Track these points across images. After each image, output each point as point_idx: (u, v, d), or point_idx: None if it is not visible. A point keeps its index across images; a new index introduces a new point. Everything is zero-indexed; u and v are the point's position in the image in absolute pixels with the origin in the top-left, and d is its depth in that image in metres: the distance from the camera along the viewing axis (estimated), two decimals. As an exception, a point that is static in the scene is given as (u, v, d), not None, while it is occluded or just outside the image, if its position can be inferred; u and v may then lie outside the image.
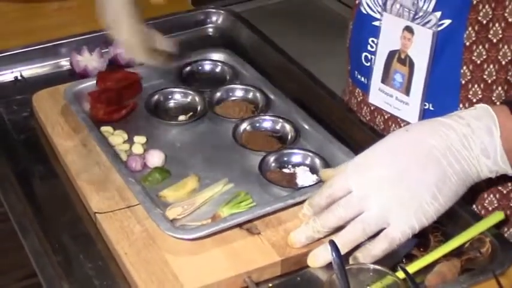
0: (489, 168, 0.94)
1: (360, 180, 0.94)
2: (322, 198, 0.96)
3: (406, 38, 1.11)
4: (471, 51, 1.06)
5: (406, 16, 1.10)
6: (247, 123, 1.18)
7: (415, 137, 0.96)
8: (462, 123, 0.94)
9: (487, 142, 0.93)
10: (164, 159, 1.12)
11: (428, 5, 1.07)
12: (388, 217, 0.92)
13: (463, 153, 0.93)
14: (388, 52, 1.14)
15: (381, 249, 0.92)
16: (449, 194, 0.93)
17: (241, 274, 0.94)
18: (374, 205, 0.92)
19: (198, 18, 1.50)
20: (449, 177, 0.93)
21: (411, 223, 0.92)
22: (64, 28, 1.46)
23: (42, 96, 1.25)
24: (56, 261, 0.98)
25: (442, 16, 1.06)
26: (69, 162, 1.12)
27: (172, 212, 1.02)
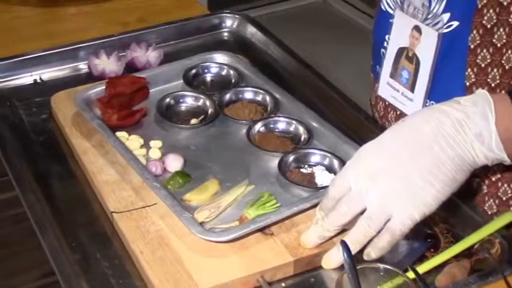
0: (485, 154, 0.93)
1: (356, 175, 0.94)
2: (329, 199, 0.96)
3: (414, 37, 1.12)
4: (475, 54, 1.06)
5: (419, 17, 1.10)
6: (261, 124, 1.19)
7: (408, 126, 0.96)
8: (457, 108, 0.93)
9: (482, 127, 0.92)
10: (183, 163, 1.13)
11: (439, 6, 1.07)
12: (389, 209, 0.92)
13: (456, 138, 0.92)
14: (398, 48, 1.16)
15: (386, 241, 0.93)
16: (446, 179, 0.92)
17: (255, 274, 0.95)
18: (372, 198, 0.92)
19: (213, 22, 1.51)
20: (443, 162, 0.92)
21: (410, 213, 0.91)
22: (82, 32, 1.47)
23: (60, 98, 1.26)
24: (74, 260, 0.99)
25: (450, 18, 1.06)
26: (87, 162, 1.12)
27: (200, 215, 1.03)
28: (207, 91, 1.28)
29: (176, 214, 1.00)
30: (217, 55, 1.35)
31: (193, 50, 1.43)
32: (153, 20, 1.50)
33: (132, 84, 1.25)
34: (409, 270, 0.90)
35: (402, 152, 0.93)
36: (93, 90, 1.24)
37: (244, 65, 1.33)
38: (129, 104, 1.24)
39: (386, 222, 0.92)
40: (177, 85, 1.30)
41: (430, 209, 0.92)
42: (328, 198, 0.96)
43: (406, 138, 0.94)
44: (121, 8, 1.59)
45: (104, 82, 1.25)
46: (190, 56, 1.35)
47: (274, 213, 1.01)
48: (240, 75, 1.31)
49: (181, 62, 1.33)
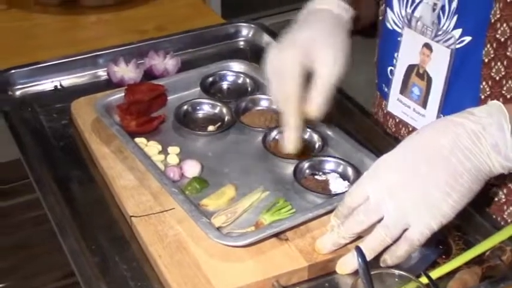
0: (501, 164, 0.93)
1: (374, 186, 0.95)
2: (344, 208, 0.97)
3: (425, 54, 1.13)
4: (490, 68, 1.06)
5: (428, 34, 1.11)
6: (276, 132, 1.20)
7: (424, 138, 0.97)
8: (472, 120, 0.94)
9: (497, 138, 0.93)
10: (201, 169, 1.14)
11: (449, 22, 1.08)
12: (406, 219, 0.93)
13: (473, 150, 0.93)
14: (408, 65, 1.17)
15: (403, 250, 0.94)
16: (462, 190, 0.92)
17: (270, 278, 0.96)
18: (391, 209, 0.93)
19: (230, 31, 1.52)
20: (460, 174, 0.92)
21: (428, 223, 0.92)
22: (102, 40, 1.49)
23: (80, 104, 1.27)
24: (93, 262, 1.00)
25: (463, 33, 1.07)
26: (106, 167, 1.14)
27: (217, 220, 1.04)
28: (223, 99, 1.29)
29: (193, 219, 1.01)
30: (233, 63, 1.36)
31: (210, 58, 1.44)
32: (171, 28, 1.52)
33: (150, 91, 1.26)
34: (422, 276, 0.91)
35: (420, 164, 0.94)
36: (112, 97, 1.26)
37: (260, 73, 1.34)
38: (148, 110, 1.25)
39: (403, 232, 0.93)
40: (194, 92, 1.31)
41: (447, 219, 0.93)
42: (344, 206, 0.97)
43: (423, 151, 0.95)
44: (139, 16, 1.61)
45: (123, 89, 1.27)
46: (208, 64, 1.36)
47: (290, 219, 1.02)
48: (256, 84, 1.32)
49: (199, 70, 1.34)
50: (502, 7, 1.01)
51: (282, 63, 1.07)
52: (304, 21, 1.13)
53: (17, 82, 1.37)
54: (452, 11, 1.07)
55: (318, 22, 1.11)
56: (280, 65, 1.08)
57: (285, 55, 1.07)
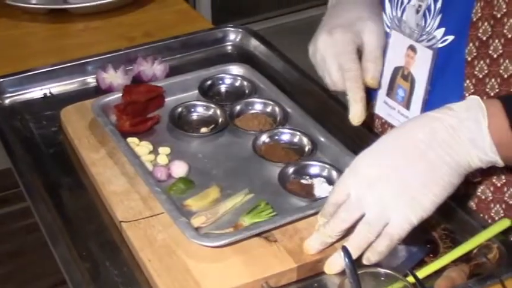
0: (479, 157, 0.93)
1: (354, 182, 0.96)
2: (329, 205, 0.98)
3: (409, 56, 1.13)
4: (473, 66, 1.06)
5: (414, 37, 1.12)
6: (267, 135, 1.20)
7: (402, 133, 0.97)
8: (450, 115, 0.94)
9: (475, 132, 0.93)
10: (188, 169, 1.14)
11: (434, 22, 1.08)
12: (387, 214, 0.93)
13: (451, 143, 0.93)
14: (394, 68, 1.17)
15: (384, 245, 0.94)
16: (442, 183, 0.93)
17: (259, 280, 0.96)
18: (371, 205, 0.93)
19: (218, 36, 1.52)
20: (439, 167, 0.93)
21: (408, 217, 0.92)
22: (90, 47, 1.49)
23: (69, 111, 1.27)
24: (84, 268, 1.00)
25: (445, 32, 1.07)
26: (96, 173, 1.14)
27: (196, 221, 1.04)
28: (221, 101, 1.30)
29: (172, 218, 1.02)
30: (233, 67, 1.37)
31: (198, 63, 1.45)
32: (159, 34, 1.52)
33: (148, 92, 1.27)
34: (409, 275, 0.91)
35: (398, 159, 0.95)
36: (110, 98, 1.27)
37: (258, 77, 1.34)
38: (144, 111, 1.26)
39: (384, 227, 0.93)
40: (192, 95, 1.32)
41: (427, 213, 0.93)
42: (329, 204, 0.98)
43: (402, 145, 0.95)
44: (128, 23, 1.61)
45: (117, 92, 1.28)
46: (207, 67, 1.37)
47: (268, 221, 1.02)
48: (254, 87, 1.32)
49: (198, 72, 1.35)
50: (482, 6, 1.01)
51: (336, 44, 1.14)
52: (339, 4, 1.21)
53: (6, 90, 1.37)
54: (437, 11, 1.08)
55: (352, 3, 1.19)
56: (334, 47, 1.14)
57: (337, 37, 1.14)
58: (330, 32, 1.15)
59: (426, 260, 0.99)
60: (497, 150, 0.93)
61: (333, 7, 1.23)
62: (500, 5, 1.00)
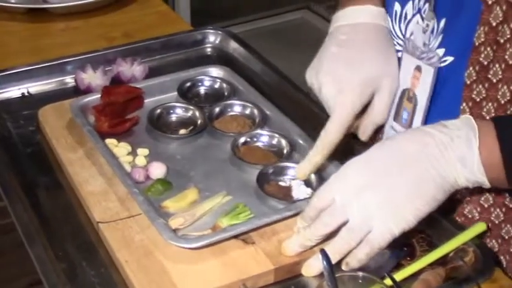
0: (466, 177, 0.93)
1: (341, 188, 0.95)
2: (311, 209, 0.97)
3: (415, 77, 1.10)
4: (471, 90, 1.02)
5: (417, 54, 1.08)
6: (245, 137, 1.19)
7: (394, 144, 0.97)
8: (442, 131, 0.94)
9: (465, 151, 0.92)
10: (166, 171, 1.13)
11: (435, 41, 1.06)
12: (369, 223, 0.92)
13: (440, 159, 0.92)
14: (402, 90, 1.13)
15: (364, 253, 0.93)
16: (426, 198, 0.92)
17: (236, 282, 0.95)
18: (355, 212, 0.93)
19: (197, 38, 1.51)
20: (425, 181, 0.92)
21: (390, 227, 0.92)
22: (69, 47, 1.47)
23: (47, 111, 1.25)
24: (60, 269, 0.99)
25: (445, 53, 1.05)
26: (73, 173, 1.12)
27: (174, 222, 1.03)
28: (200, 103, 1.29)
29: (150, 220, 1.00)
30: (212, 69, 1.36)
31: (178, 64, 1.43)
32: (139, 35, 1.51)
33: (127, 93, 1.26)
34: (386, 278, 0.90)
35: (387, 169, 0.94)
36: (88, 99, 1.25)
37: (238, 79, 1.33)
38: (123, 112, 1.24)
39: (366, 235, 0.93)
40: (171, 96, 1.30)
41: (409, 225, 0.93)
42: (311, 207, 0.97)
43: (392, 156, 0.95)
44: (107, 24, 1.59)
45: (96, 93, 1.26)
46: (186, 69, 1.35)
47: (246, 223, 1.01)
48: (233, 89, 1.31)
49: (177, 74, 1.33)
50: (486, 31, 0.98)
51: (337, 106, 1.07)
52: (348, 46, 1.11)
53: (-16, 89, 1.35)
54: (439, 31, 1.05)
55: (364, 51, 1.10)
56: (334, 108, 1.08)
57: (343, 100, 1.07)
58: (340, 91, 1.08)
59: (403, 263, 0.98)
60: (485, 171, 0.92)
61: (344, 35, 1.13)
62: (504, 31, 0.97)
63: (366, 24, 1.12)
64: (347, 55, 1.10)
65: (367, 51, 1.10)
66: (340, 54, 1.11)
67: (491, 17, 0.97)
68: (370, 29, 1.12)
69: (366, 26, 1.12)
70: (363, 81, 1.08)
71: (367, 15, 1.13)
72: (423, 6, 1.07)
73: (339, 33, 1.13)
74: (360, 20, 1.13)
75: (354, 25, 1.13)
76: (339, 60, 1.10)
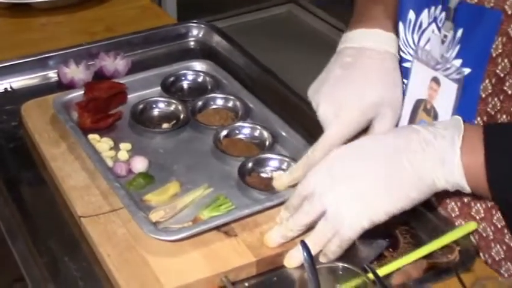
0: (445, 177, 0.91)
1: (319, 178, 0.95)
2: (295, 197, 0.97)
3: (432, 88, 1.05)
4: (486, 103, 0.98)
5: (431, 65, 1.04)
6: (227, 130, 1.19)
7: (380, 138, 0.96)
8: (429, 130, 0.93)
9: (446, 150, 0.91)
10: (148, 165, 1.12)
11: (452, 52, 1.01)
12: (343, 214, 0.92)
13: (419, 156, 0.91)
14: (416, 100, 1.09)
15: (336, 245, 0.93)
16: (399, 193, 0.91)
17: (219, 274, 0.94)
18: (331, 201, 0.93)
19: (180, 31, 1.50)
20: (400, 177, 0.91)
21: (360, 220, 0.92)
22: (52, 42, 1.46)
23: (30, 106, 1.24)
24: (43, 264, 0.98)
25: (462, 64, 1.00)
26: (56, 168, 1.11)
27: (155, 215, 1.02)
28: (183, 97, 1.28)
29: (131, 213, 1.00)
30: (195, 63, 1.35)
31: (161, 58, 1.43)
32: (121, 29, 1.50)
33: (110, 89, 1.25)
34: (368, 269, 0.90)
35: (366, 161, 0.94)
36: (71, 95, 1.24)
37: (221, 72, 1.33)
38: (106, 108, 1.23)
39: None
40: (155, 91, 1.29)
41: (378, 219, 0.92)
42: (295, 196, 0.97)
43: (373, 149, 0.95)
44: (90, 18, 1.58)
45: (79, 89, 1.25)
46: (170, 64, 1.34)
47: (226, 214, 1.01)
48: (216, 83, 1.30)
49: (161, 69, 1.33)
50: (504, 41, 0.94)
51: (330, 129, 1.04)
52: (352, 70, 1.07)
53: (-33, 84, 1.34)
54: (456, 41, 1.00)
55: (367, 77, 1.06)
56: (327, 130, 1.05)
57: (337, 124, 1.04)
58: (336, 106, 1.05)
59: (386, 254, 0.98)
60: (465, 174, 0.90)
61: (349, 58, 1.09)
62: None
63: (372, 49, 1.08)
64: (350, 79, 1.07)
65: (370, 77, 1.07)
66: (343, 77, 1.07)
67: (510, 27, 0.93)
68: (377, 54, 1.08)
69: (373, 51, 1.08)
70: (361, 107, 1.04)
71: (375, 40, 1.09)
72: (439, 15, 1.02)
73: (345, 55, 1.09)
74: (367, 44, 1.09)
75: (360, 49, 1.09)
76: (341, 82, 1.07)
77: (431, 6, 1.03)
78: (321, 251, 0.94)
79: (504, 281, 0.85)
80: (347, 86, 1.06)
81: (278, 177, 1.06)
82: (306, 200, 0.95)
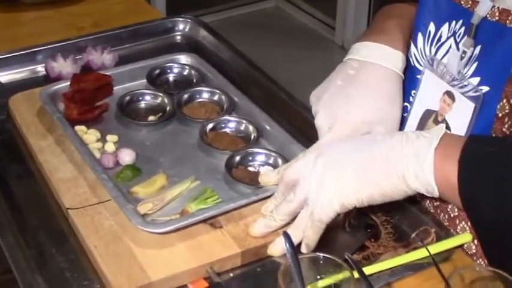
0: (415, 171, 0.90)
1: (303, 165, 0.96)
2: (282, 185, 0.99)
3: (445, 102, 1.03)
4: (502, 123, 0.96)
5: (446, 79, 1.02)
6: (213, 123, 1.19)
7: (365, 136, 0.98)
8: (415, 132, 0.94)
9: (423, 148, 0.91)
10: (135, 157, 1.13)
11: (468, 69, 0.99)
12: (319, 199, 0.93)
13: (397, 149, 0.92)
14: (425, 110, 1.07)
15: (312, 232, 0.94)
16: (371, 180, 0.92)
17: (204, 265, 0.95)
18: (312, 188, 0.94)
19: (167, 26, 1.50)
20: (375, 165, 0.92)
21: (332, 204, 0.92)
22: (40, 36, 1.46)
23: (18, 99, 1.24)
24: (30, 256, 0.98)
25: (480, 82, 0.98)
26: (43, 161, 1.11)
27: (143, 208, 1.02)
28: (169, 90, 1.28)
29: (119, 205, 1.00)
30: (181, 56, 1.35)
31: (147, 52, 1.43)
32: (108, 24, 1.50)
33: (96, 81, 1.25)
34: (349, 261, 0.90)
35: (346, 148, 0.95)
36: (58, 86, 1.24)
37: (206, 66, 1.33)
38: (92, 99, 1.23)
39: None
40: (141, 84, 1.29)
41: (349, 202, 0.92)
42: (282, 183, 0.99)
43: (358, 142, 0.97)
44: (78, 13, 1.58)
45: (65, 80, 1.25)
46: (156, 57, 1.34)
47: (214, 207, 1.01)
48: (201, 76, 1.31)
49: (147, 61, 1.33)
50: None
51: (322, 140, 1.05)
52: (353, 83, 1.06)
53: (-45, 78, 1.34)
54: (473, 58, 0.98)
55: (368, 93, 1.05)
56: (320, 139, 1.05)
57: (329, 137, 1.04)
58: (332, 119, 1.05)
59: (368, 245, 0.99)
60: (436, 174, 0.90)
61: (353, 71, 1.08)
62: None
63: (377, 66, 1.07)
64: (348, 92, 1.06)
65: (369, 94, 1.06)
66: (343, 89, 1.07)
67: None
68: (379, 70, 1.07)
69: (377, 68, 1.07)
70: (355, 124, 1.04)
71: (381, 55, 1.08)
72: (458, 30, 1.01)
73: (349, 67, 1.09)
74: (373, 60, 1.08)
75: (365, 63, 1.08)
76: (341, 95, 1.06)
77: (453, 21, 1.02)
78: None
79: (482, 269, 0.86)
80: (345, 99, 1.06)
81: (265, 174, 1.06)
82: (291, 190, 0.96)
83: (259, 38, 3.65)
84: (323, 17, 3.80)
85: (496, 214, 0.88)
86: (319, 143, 1.05)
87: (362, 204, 0.93)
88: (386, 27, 1.12)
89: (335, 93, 1.07)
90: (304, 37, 3.72)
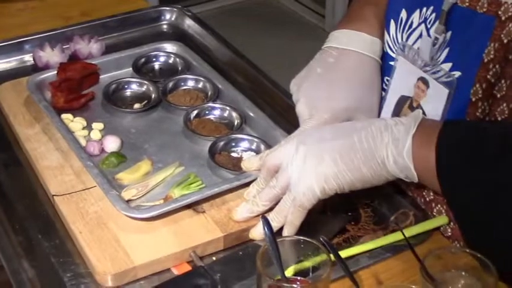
0: (394, 158, 0.91)
1: (285, 151, 0.97)
2: (264, 170, 0.99)
3: (420, 88, 1.03)
4: (476, 108, 0.96)
5: (418, 64, 1.02)
6: (198, 110, 1.19)
7: (344, 123, 0.98)
8: (393, 119, 0.94)
9: (401, 134, 0.92)
10: (120, 144, 1.13)
11: (440, 54, 0.99)
12: (301, 183, 0.93)
13: (376, 136, 0.93)
14: (400, 96, 1.07)
15: (294, 217, 0.94)
16: (350, 164, 0.92)
17: (187, 249, 0.95)
18: (294, 173, 0.94)
19: (153, 15, 1.50)
20: (355, 150, 0.92)
21: (312, 187, 0.93)
22: (28, 26, 1.45)
23: (5, 88, 1.24)
24: (17, 242, 0.98)
25: (452, 68, 0.98)
26: (30, 148, 1.11)
27: (127, 194, 1.03)
28: (154, 78, 1.28)
29: (104, 192, 1.00)
30: (167, 45, 1.35)
31: (134, 41, 1.42)
32: (96, 14, 1.49)
33: (83, 69, 1.25)
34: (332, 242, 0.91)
35: (327, 134, 0.96)
36: (45, 75, 1.24)
37: (191, 54, 1.33)
38: (79, 88, 1.23)
39: None
40: (127, 72, 1.29)
41: (329, 186, 0.93)
42: (264, 169, 0.99)
43: (338, 128, 0.97)
44: (65, 3, 1.57)
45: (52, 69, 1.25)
46: (141, 45, 1.34)
47: (197, 193, 1.01)
48: (186, 64, 1.31)
49: (132, 50, 1.33)
50: (497, 47, 0.92)
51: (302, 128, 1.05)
52: (333, 71, 1.07)
53: None
54: (445, 43, 0.98)
55: (347, 80, 1.06)
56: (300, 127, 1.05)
57: (308, 125, 1.04)
58: (312, 106, 1.06)
59: (348, 228, 0.99)
60: (414, 159, 0.91)
61: (332, 59, 1.09)
62: None
63: (355, 53, 1.08)
64: (328, 80, 1.07)
65: (348, 81, 1.06)
66: (323, 77, 1.07)
67: (503, 33, 0.91)
68: (358, 58, 1.08)
69: (356, 55, 1.08)
70: (334, 111, 1.04)
71: (360, 44, 1.08)
72: (429, 16, 1.01)
73: (328, 55, 1.09)
74: (351, 47, 1.08)
75: (344, 50, 1.09)
76: (320, 83, 1.07)
77: (423, 7, 1.02)
78: None
79: (458, 251, 0.86)
80: (325, 87, 1.07)
81: (247, 160, 1.06)
82: (273, 176, 0.97)
83: (250, 27, 3.64)
84: (312, 4, 3.79)
85: (472, 197, 0.88)
86: (300, 130, 1.05)
87: (343, 190, 0.94)
88: (362, 14, 1.12)
89: (315, 81, 1.07)
90: (294, 25, 3.71)
